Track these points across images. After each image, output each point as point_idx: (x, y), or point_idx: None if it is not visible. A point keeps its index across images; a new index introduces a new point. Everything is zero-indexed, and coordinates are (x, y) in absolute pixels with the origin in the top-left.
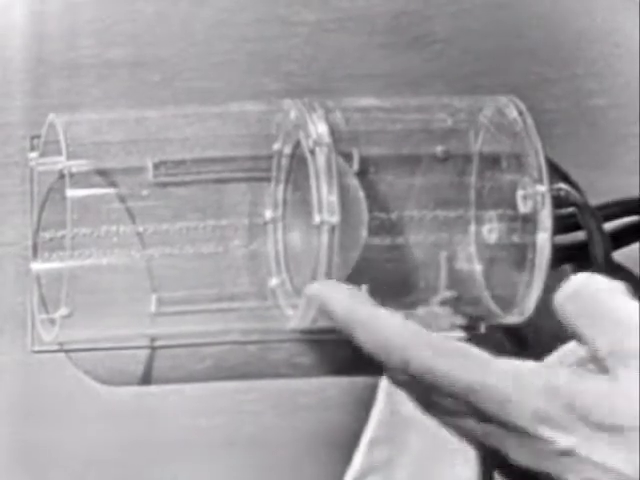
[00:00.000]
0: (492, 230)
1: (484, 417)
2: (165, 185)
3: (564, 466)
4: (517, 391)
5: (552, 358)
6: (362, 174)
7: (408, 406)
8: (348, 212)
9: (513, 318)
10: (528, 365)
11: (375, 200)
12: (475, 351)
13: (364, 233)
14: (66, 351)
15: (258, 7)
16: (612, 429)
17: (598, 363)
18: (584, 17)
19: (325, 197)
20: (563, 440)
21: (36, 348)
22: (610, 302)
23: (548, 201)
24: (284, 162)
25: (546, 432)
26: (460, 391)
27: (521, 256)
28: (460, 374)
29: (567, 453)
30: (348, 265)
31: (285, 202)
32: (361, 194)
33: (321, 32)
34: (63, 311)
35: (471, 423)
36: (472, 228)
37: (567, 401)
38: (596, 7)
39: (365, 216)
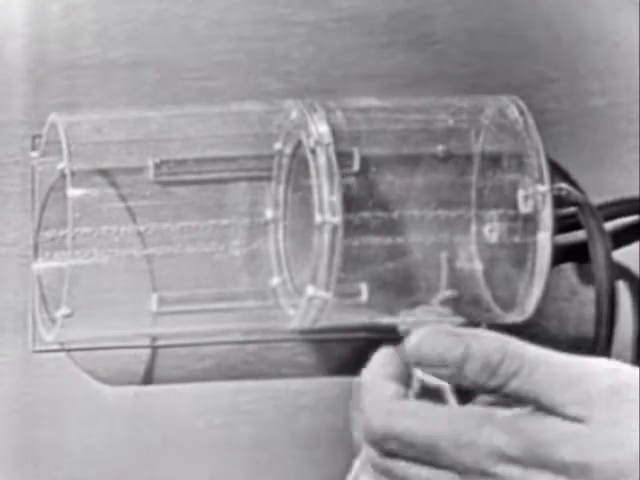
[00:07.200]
0: (493, 230)
1: (441, 465)
2: (166, 185)
3: None
4: (479, 433)
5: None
6: (363, 174)
7: None
8: None
9: (513, 318)
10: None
11: (376, 200)
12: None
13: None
14: (67, 350)
15: (258, 7)
16: (580, 468)
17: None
18: (584, 17)
19: (326, 197)
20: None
21: (37, 347)
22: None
23: (549, 201)
24: (285, 162)
25: (502, 469)
26: (424, 440)
27: (522, 256)
28: (424, 427)
29: None
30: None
31: (286, 202)
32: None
33: (321, 32)
34: (64, 310)
35: (425, 473)
36: (473, 228)
37: (530, 440)
38: (596, 7)
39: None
